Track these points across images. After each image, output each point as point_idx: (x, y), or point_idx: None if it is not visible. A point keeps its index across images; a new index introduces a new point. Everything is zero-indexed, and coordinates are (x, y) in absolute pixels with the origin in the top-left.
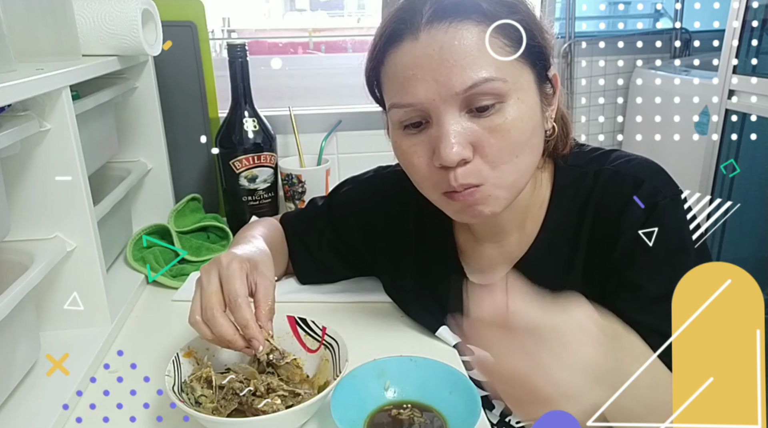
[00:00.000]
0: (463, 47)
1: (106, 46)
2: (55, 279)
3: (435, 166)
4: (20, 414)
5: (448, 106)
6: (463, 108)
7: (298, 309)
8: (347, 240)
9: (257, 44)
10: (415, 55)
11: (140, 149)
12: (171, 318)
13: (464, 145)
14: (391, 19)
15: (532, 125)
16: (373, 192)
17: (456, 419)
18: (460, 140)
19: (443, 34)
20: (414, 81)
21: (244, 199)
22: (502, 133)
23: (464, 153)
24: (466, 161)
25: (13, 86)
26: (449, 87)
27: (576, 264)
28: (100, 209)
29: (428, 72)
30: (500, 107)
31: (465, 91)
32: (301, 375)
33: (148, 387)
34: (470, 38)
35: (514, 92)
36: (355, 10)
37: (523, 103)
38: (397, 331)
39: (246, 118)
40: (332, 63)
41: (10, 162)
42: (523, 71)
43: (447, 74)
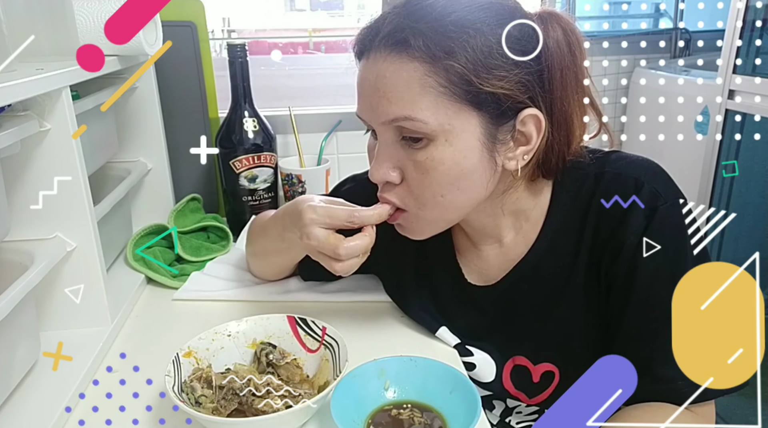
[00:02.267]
0: (394, 80)
1: (106, 46)
2: (55, 280)
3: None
4: (20, 414)
5: (382, 130)
6: (397, 135)
7: (298, 308)
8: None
9: (257, 44)
10: (362, 76)
11: (140, 149)
12: (171, 318)
13: (390, 168)
14: (358, 34)
15: (460, 169)
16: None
17: (456, 419)
18: (389, 164)
19: (381, 62)
20: (361, 97)
21: (244, 199)
22: (423, 169)
23: (388, 175)
24: (392, 184)
25: (13, 86)
26: (377, 114)
27: (578, 268)
28: (100, 209)
29: (367, 94)
30: (427, 144)
31: (389, 122)
32: (301, 375)
33: (150, 389)
34: (403, 73)
35: (441, 134)
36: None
37: (451, 146)
38: (397, 331)
39: (246, 118)
40: (332, 63)
41: (10, 162)
42: (460, 114)
43: (376, 102)
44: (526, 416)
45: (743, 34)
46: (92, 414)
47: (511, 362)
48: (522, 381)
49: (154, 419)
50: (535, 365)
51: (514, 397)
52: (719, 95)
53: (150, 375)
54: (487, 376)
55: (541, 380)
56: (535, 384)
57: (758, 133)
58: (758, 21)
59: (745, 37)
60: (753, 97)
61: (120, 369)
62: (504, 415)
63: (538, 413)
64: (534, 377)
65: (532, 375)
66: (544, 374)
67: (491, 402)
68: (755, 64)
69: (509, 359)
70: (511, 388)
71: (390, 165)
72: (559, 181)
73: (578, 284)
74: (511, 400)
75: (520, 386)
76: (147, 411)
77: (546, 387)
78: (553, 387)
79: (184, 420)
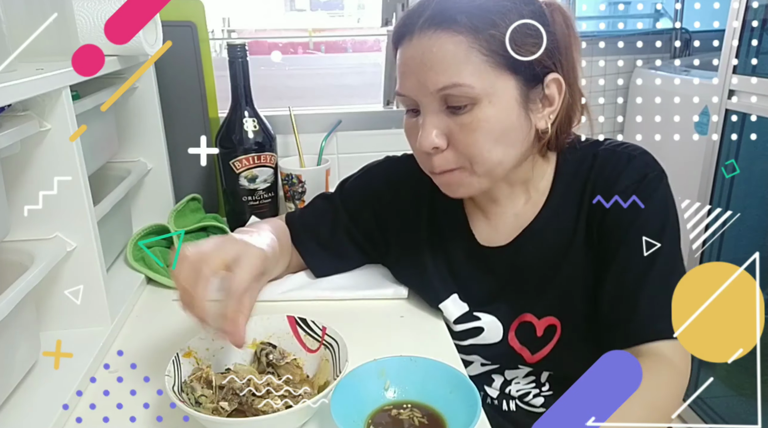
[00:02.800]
0: (441, 54)
1: (106, 46)
2: (55, 280)
3: (418, 148)
4: (20, 414)
5: (428, 101)
6: (442, 104)
7: (298, 308)
8: (362, 223)
9: (257, 44)
10: (408, 55)
11: (140, 149)
12: (171, 318)
13: (438, 135)
14: (399, 20)
15: (502, 126)
16: (385, 175)
17: (456, 419)
18: (435, 131)
19: (427, 40)
20: (406, 75)
21: (244, 199)
22: (470, 130)
23: (437, 142)
24: (439, 149)
25: (13, 86)
26: (426, 86)
27: (579, 230)
28: (100, 209)
29: (414, 70)
30: (472, 108)
31: (438, 92)
32: (301, 375)
33: (148, 387)
34: (449, 46)
35: (485, 96)
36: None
37: (493, 106)
38: (397, 331)
39: (246, 118)
40: (332, 63)
41: (10, 162)
42: (500, 78)
43: (425, 75)
44: (524, 385)
45: (741, 34)
46: (90, 412)
47: (518, 320)
48: (526, 337)
49: (151, 416)
50: (540, 319)
51: (517, 354)
52: (717, 95)
53: (150, 375)
54: (495, 337)
55: (544, 334)
56: (539, 339)
57: (756, 133)
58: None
59: (744, 37)
60: (753, 97)
61: (118, 367)
62: (503, 387)
63: (534, 379)
64: (538, 331)
65: (537, 330)
66: (548, 327)
67: (490, 376)
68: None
69: (517, 317)
70: (516, 345)
71: (437, 132)
72: (561, 157)
73: (579, 245)
74: (509, 371)
75: (524, 341)
76: (144, 408)
77: (549, 340)
78: (555, 341)
79: (181, 417)
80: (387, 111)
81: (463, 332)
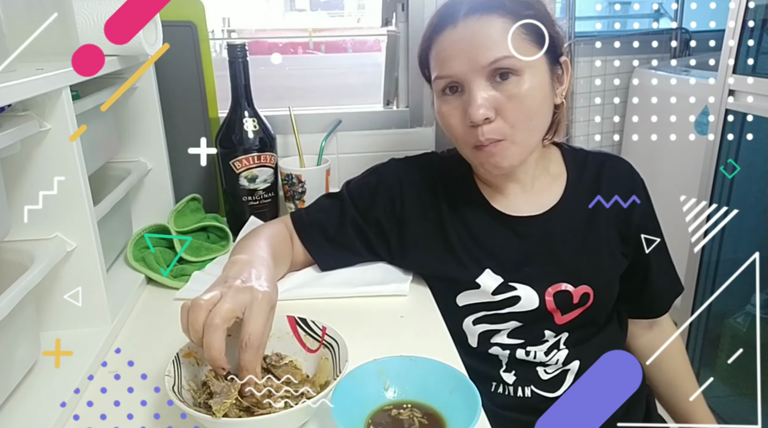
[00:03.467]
0: (489, 33)
1: (106, 46)
2: (55, 280)
3: (466, 124)
4: (20, 414)
5: (476, 77)
6: (488, 79)
7: (299, 307)
8: (372, 215)
9: (257, 44)
10: (454, 39)
11: (140, 149)
12: (171, 318)
13: (488, 107)
14: (436, 15)
15: (542, 95)
16: (396, 168)
17: (456, 419)
18: (485, 103)
19: (474, 23)
20: (453, 57)
21: (244, 199)
22: (518, 99)
23: (488, 113)
24: (489, 120)
25: (13, 86)
26: (477, 62)
27: (597, 216)
28: (100, 209)
29: (463, 51)
30: (516, 80)
31: (489, 65)
32: (301, 375)
33: (145, 384)
34: (494, 27)
35: (527, 69)
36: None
37: (535, 77)
38: (397, 331)
39: (246, 118)
40: (332, 63)
41: (10, 162)
42: (536, 54)
43: (476, 52)
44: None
45: (741, 35)
46: (87, 409)
47: (553, 288)
48: (563, 303)
49: (148, 414)
50: (576, 287)
51: (549, 314)
52: (716, 95)
53: (150, 375)
54: (532, 304)
55: (579, 300)
56: (574, 304)
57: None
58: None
59: (743, 37)
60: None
61: (116, 365)
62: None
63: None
64: (574, 298)
65: (573, 297)
66: (583, 295)
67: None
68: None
69: (551, 285)
70: (551, 307)
71: (487, 104)
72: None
73: (599, 226)
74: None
75: (559, 306)
76: (142, 405)
77: (581, 305)
78: (587, 306)
79: (178, 414)
80: (387, 111)
81: (501, 301)
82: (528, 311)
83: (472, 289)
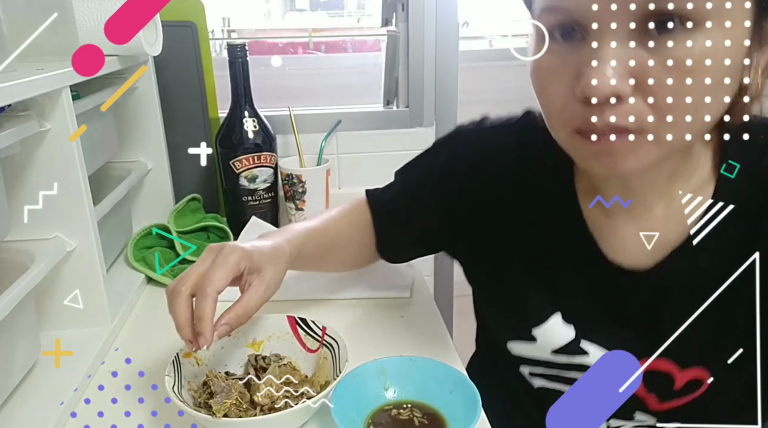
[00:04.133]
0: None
1: (106, 46)
2: (55, 280)
3: (576, 95)
4: (20, 414)
5: (613, 20)
6: (638, 28)
7: (298, 307)
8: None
9: (257, 44)
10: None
11: (140, 149)
12: (171, 318)
13: (624, 75)
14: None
15: (727, 66)
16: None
17: (456, 419)
18: (620, 69)
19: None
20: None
21: (244, 199)
22: (682, 69)
23: (620, 86)
24: (620, 97)
25: (13, 86)
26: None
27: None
28: (100, 209)
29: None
30: (688, 35)
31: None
32: (301, 375)
33: (143, 382)
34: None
35: (715, 15)
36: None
37: (721, 33)
38: (397, 331)
39: (246, 118)
40: (332, 63)
41: (10, 162)
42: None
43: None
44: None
45: None
46: (84, 407)
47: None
48: (659, 387)
49: (146, 411)
50: (683, 370)
51: (639, 400)
52: None
53: (150, 375)
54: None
55: (684, 387)
56: (676, 392)
57: None
58: None
59: None
60: None
61: (114, 363)
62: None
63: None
64: (677, 383)
65: (675, 382)
66: (690, 382)
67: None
68: None
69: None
70: (642, 393)
71: (623, 70)
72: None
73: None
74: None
75: (654, 390)
76: (139, 403)
77: (689, 393)
78: (699, 394)
79: (175, 412)
80: (387, 111)
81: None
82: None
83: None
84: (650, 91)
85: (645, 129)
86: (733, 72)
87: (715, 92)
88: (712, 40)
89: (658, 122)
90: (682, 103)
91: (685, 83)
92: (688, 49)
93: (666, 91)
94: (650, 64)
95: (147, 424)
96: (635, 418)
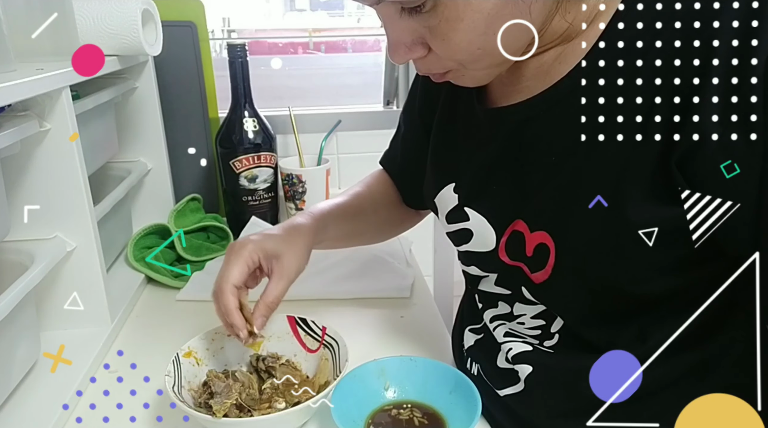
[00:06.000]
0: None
1: (106, 46)
2: (55, 279)
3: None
4: (20, 414)
5: (380, 7)
6: (395, 6)
7: (298, 307)
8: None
9: (257, 44)
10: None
11: (140, 149)
12: (171, 318)
13: (408, 44)
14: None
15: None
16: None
17: (456, 419)
18: (402, 41)
19: None
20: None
21: (244, 199)
22: (442, 35)
23: (411, 52)
24: (420, 56)
25: (13, 86)
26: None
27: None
28: (100, 209)
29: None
30: (434, 4)
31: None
32: (301, 375)
33: (148, 387)
34: None
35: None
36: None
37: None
38: (397, 331)
39: (246, 118)
40: (332, 63)
41: (10, 162)
42: None
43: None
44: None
45: None
46: (90, 412)
47: (510, 227)
48: (517, 252)
49: (151, 416)
50: (531, 232)
51: (515, 267)
52: None
53: (150, 375)
54: (487, 244)
55: (534, 254)
56: (529, 258)
57: None
58: None
59: None
60: None
61: (118, 367)
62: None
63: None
64: (528, 249)
65: (526, 246)
66: (538, 246)
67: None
68: None
69: (510, 223)
70: (506, 259)
71: (407, 40)
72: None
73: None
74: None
75: (515, 257)
76: (144, 408)
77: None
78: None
79: (181, 417)
80: (387, 111)
81: (454, 234)
82: (482, 253)
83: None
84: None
85: (455, 68)
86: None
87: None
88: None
89: (458, 64)
90: (461, 53)
91: (450, 42)
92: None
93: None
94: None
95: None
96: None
